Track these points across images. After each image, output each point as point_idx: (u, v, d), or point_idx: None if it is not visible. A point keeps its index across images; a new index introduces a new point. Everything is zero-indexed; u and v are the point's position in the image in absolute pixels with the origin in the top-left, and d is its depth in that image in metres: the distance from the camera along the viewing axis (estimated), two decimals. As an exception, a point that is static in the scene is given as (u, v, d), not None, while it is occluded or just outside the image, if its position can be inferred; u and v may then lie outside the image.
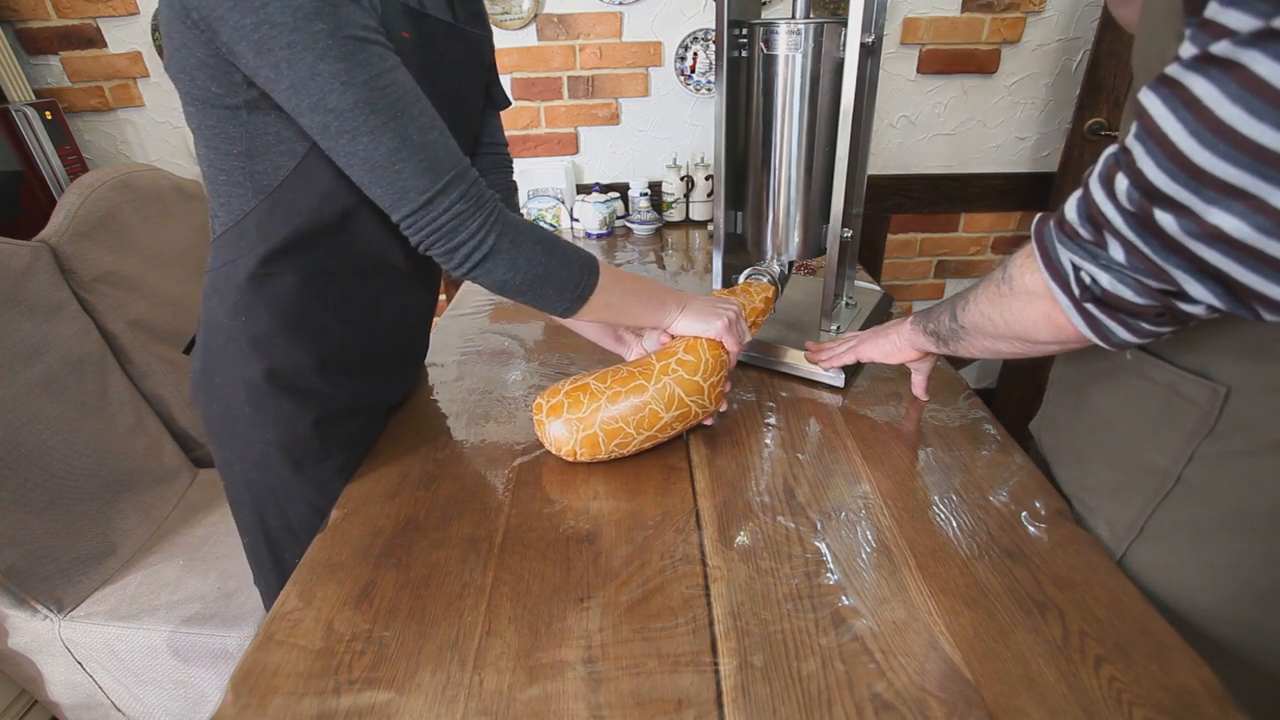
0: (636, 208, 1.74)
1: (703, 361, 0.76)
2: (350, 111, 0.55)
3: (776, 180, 0.93)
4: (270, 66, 0.54)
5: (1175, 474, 0.57)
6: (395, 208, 0.61)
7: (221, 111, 0.61)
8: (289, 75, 0.54)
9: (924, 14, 1.67)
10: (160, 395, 1.41)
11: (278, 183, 0.65)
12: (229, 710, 0.52)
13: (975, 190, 1.89)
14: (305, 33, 0.52)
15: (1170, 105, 0.38)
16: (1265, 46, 0.34)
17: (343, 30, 0.53)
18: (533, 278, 0.66)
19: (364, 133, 0.56)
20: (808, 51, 0.84)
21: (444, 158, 0.60)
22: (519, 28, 1.66)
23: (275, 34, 0.52)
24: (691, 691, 0.52)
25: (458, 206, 0.61)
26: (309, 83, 0.54)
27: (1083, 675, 0.51)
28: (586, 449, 0.75)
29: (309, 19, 0.52)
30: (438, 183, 0.60)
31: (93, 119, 1.73)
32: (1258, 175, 0.36)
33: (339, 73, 0.54)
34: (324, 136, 0.58)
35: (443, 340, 1.12)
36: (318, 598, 0.62)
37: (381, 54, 0.56)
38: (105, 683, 1.16)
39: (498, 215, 0.64)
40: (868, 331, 0.86)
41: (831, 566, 0.63)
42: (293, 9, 0.51)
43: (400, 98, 0.57)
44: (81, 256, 1.29)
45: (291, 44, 0.52)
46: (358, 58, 0.54)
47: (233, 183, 0.66)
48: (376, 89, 0.56)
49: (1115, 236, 0.44)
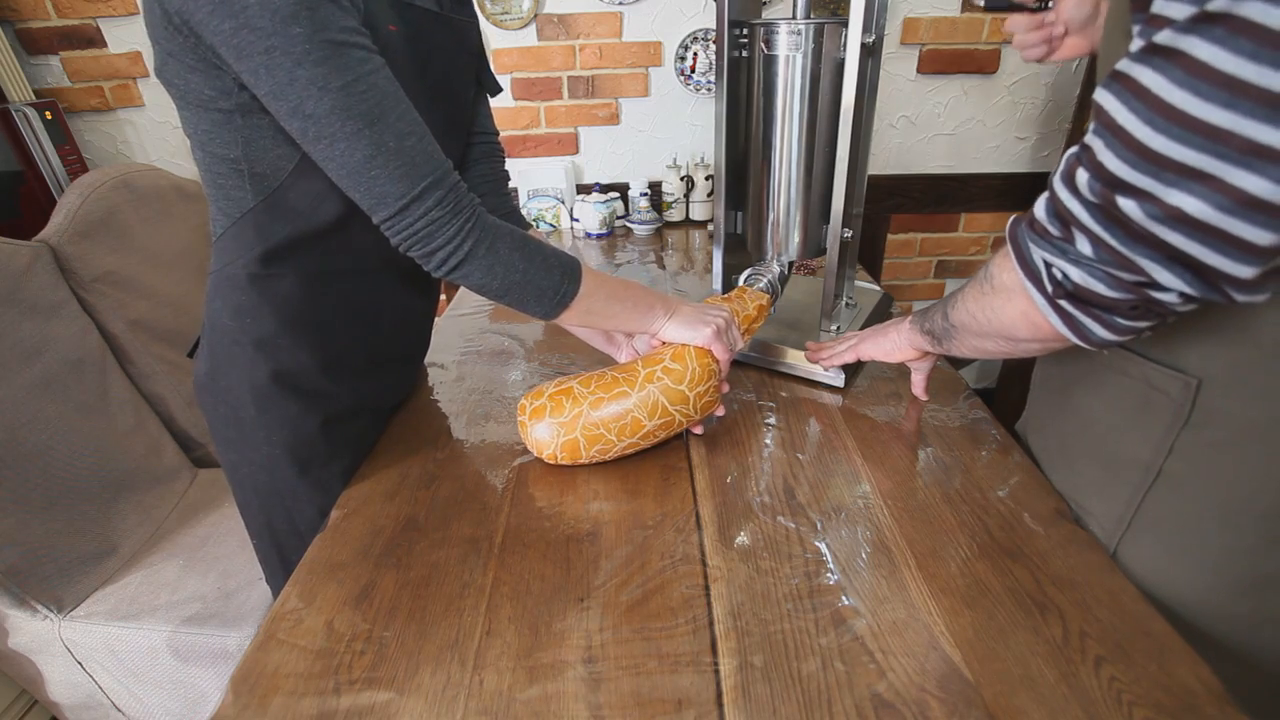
0: (636, 208, 1.74)
1: (689, 370, 0.75)
2: (326, 117, 0.55)
3: (776, 180, 0.93)
4: (250, 72, 0.54)
5: (1157, 466, 0.57)
6: (373, 212, 0.61)
7: (216, 115, 0.61)
8: (268, 81, 0.54)
9: (924, 14, 1.67)
10: (160, 395, 1.41)
11: (276, 184, 0.65)
12: (229, 710, 0.52)
13: (975, 190, 1.89)
14: (283, 36, 0.52)
15: (1122, 98, 0.40)
16: (1202, 31, 0.35)
17: (321, 34, 0.53)
18: (509, 283, 0.66)
19: (340, 138, 0.56)
20: (808, 52, 0.84)
21: (421, 163, 0.60)
22: (519, 28, 1.66)
23: (253, 39, 0.52)
24: (691, 691, 0.52)
25: (434, 213, 0.61)
26: (287, 88, 0.54)
27: (1083, 675, 0.51)
28: (567, 453, 0.75)
29: (286, 22, 0.51)
30: (414, 189, 0.59)
31: (93, 119, 1.73)
32: (1212, 155, 0.36)
33: (316, 78, 0.53)
34: (304, 141, 0.58)
35: (443, 340, 1.12)
36: (318, 598, 0.62)
37: (361, 57, 0.56)
38: (105, 683, 1.16)
39: (475, 220, 0.63)
40: (868, 330, 0.86)
41: (831, 566, 0.63)
42: (270, 12, 0.51)
43: (379, 102, 0.57)
44: (81, 256, 1.29)
45: (269, 49, 0.52)
46: (335, 62, 0.54)
47: (231, 185, 0.66)
48: (354, 94, 0.55)
49: (1081, 230, 0.45)
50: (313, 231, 0.68)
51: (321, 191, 0.66)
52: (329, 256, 0.71)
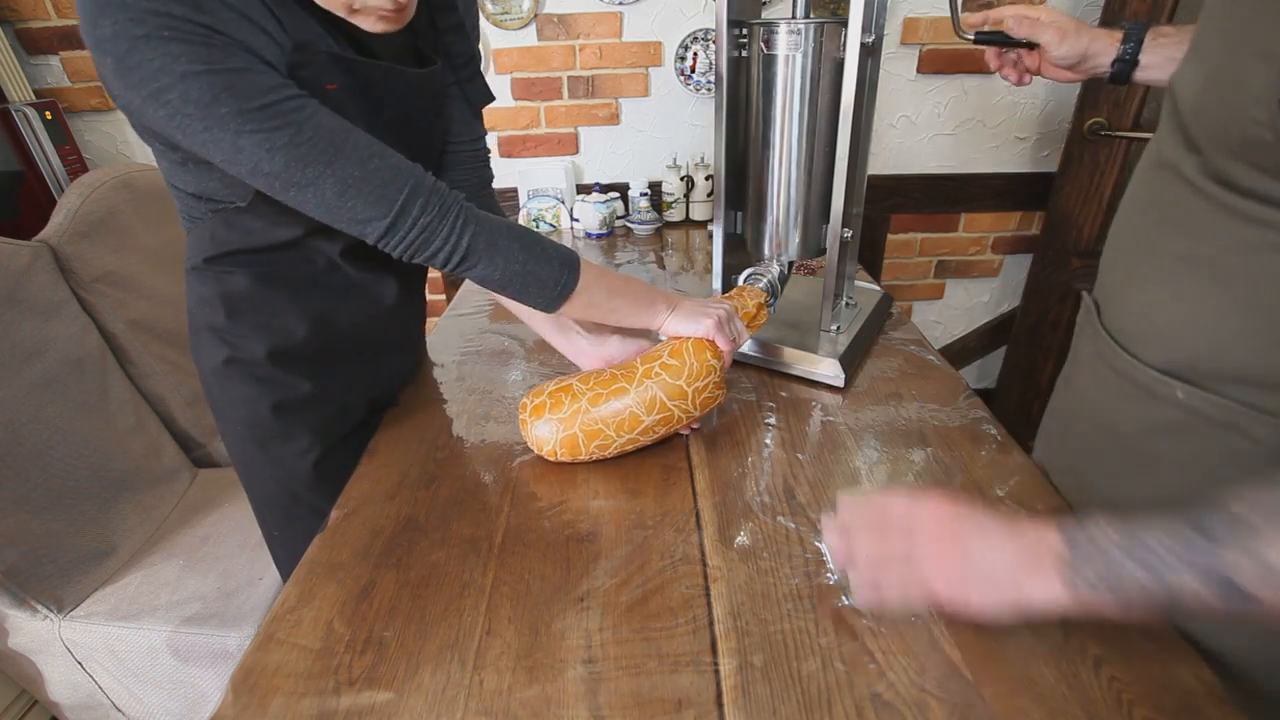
0: (636, 208, 1.74)
1: (688, 366, 0.75)
2: (284, 172, 0.57)
3: (776, 180, 0.93)
4: (200, 147, 0.56)
5: None
6: (364, 236, 0.62)
7: (173, 155, 0.64)
8: (217, 153, 0.56)
9: (924, 14, 1.67)
10: (160, 395, 1.41)
11: (231, 206, 0.68)
12: (229, 710, 0.52)
13: (975, 190, 1.88)
14: (213, 118, 0.53)
15: None
16: None
17: (247, 105, 0.54)
18: (510, 273, 0.67)
19: (305, 184, 0.58)
20: (808, 51, 0.84)
21: (391, 180, 0.60)
22: (519, 28, 1.66)
23: (188, 123, 0.54)
24: (691, 691, 0.52)
25: (423, 219, 0.62)
26: (236, 156, 0.56)
27: (1083, 675, 0.51)
28: (566, 449, 0.75)
29: (210, 106, 0.53)
30: (395, 205, 0.60)
31: (93, 119, 1.73)
32: None
33: (260, 142, 0.55)
34: (274, 192, 0.59)
35: (443, 340, 1.12)
36: (318, 598, 0.62)
37: (295, 106, 0.56)
38: (105, 683, 1.16)
39: (465, 215, 0.64)
40: (930, 539, 0.49)
41: (831, 566, 0.63)
42: (194, 101, 0.52)
43: (330, 142, 0.57)
44: (81, 256, 1.29)
45: (207, 128, 0.54)
46: (272, 124, 0.55)
47: (188, 203, 0.70)
48: (301, 144, 0.56)
49: None
50: (265, 245, 0.72)
51: (274, 220, 0.69)
52: (278, 263, 0.75)
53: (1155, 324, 0.57)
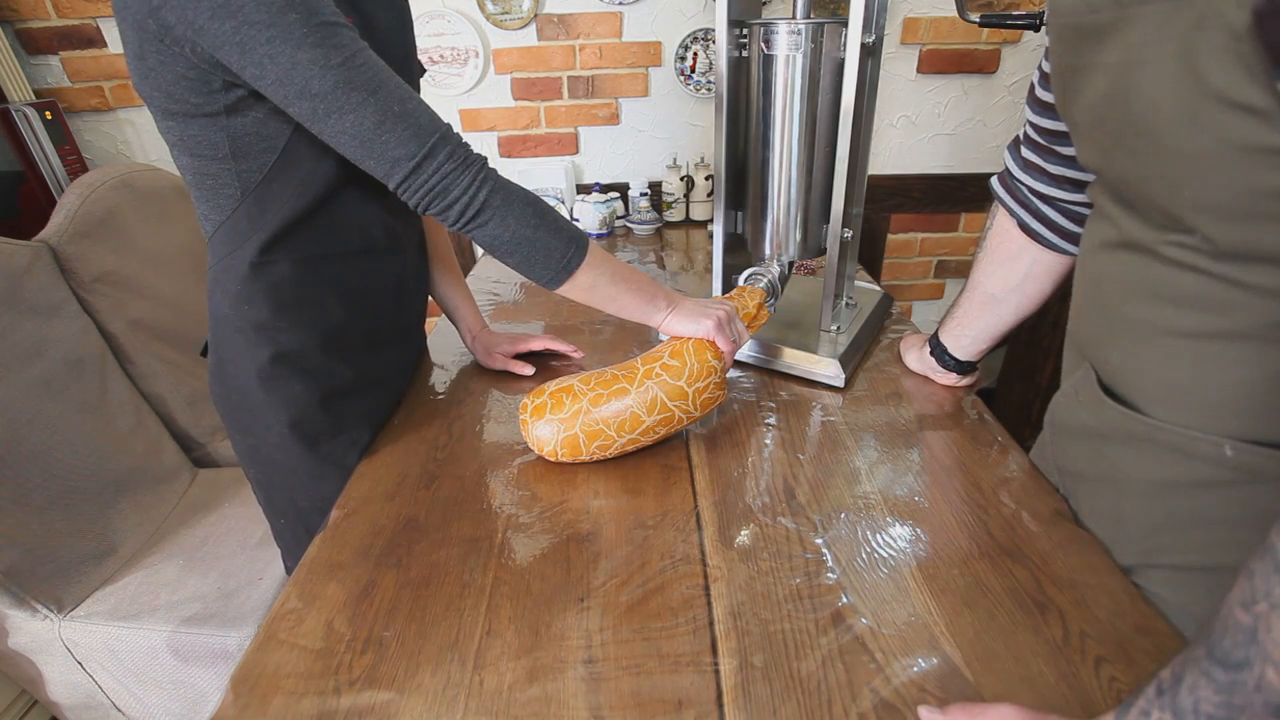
0: (636, 208, 1.74)
1: (688, 366, 0.76)
2: (332, 93, 0.59)
3: (776, 180, 0.93)
4: (255, 64, 0.57)
5: None
6: (389, 176, 0.64)
7: (201, 120, 0.64)
8: (272, 70, 0.57)
9: (924, 14, 1.67)
10: (160, 395, 1.41)
11: (262, 177, 0.68)
12: (229, 710, 0.52)
13: (975, 190, 1.89)
14: (281, 26, 0.56)
15: None
16: None
17: (314, 18, 0.57)
18: (520, 238, 0.69)
19: (349, 110, 0.60)
20: (808, 51, 0.84)
21: (425, 124, 0.63)
22: (519, 28, 1.66)
23: (254, 32, 0.56)
24: (691, 691, 0.52)
25: (446, 166, 0.64)
26: (291, 73, 0.57)
27: (1083, 675, 0.51)
28: (568, 450, 0.75)
29: (282, 12, 0.55)
30: (424, 147, 0.63)
31: (93, 119, 1.73)
32: None
33: (317, 59, 0.57)
34: (313, 120, 0.61)
35: (443, 340, 1.12)
36: (318, 598, 0.62)
37: (351, 36, 0.60)
38: (105, 683, 1.16)
39: (486, 172, 0.67)
40: None
41: (831, 566, 0.63)
42: (266, 5, 0.55)
43: (375, 74, 0.61)
44: (81, 256, 1.29)
45: (270, 39, 0.56)
46: (331, 42, 0.58)
47: (220, 185, 0.69)
48: (353, 68, 0.59)
49: None
50: (300, 217, 0.72)
51: (304, 177, 0.70)
52: (317, 240, 0.74)
53: (1186, 395, 0.53)
